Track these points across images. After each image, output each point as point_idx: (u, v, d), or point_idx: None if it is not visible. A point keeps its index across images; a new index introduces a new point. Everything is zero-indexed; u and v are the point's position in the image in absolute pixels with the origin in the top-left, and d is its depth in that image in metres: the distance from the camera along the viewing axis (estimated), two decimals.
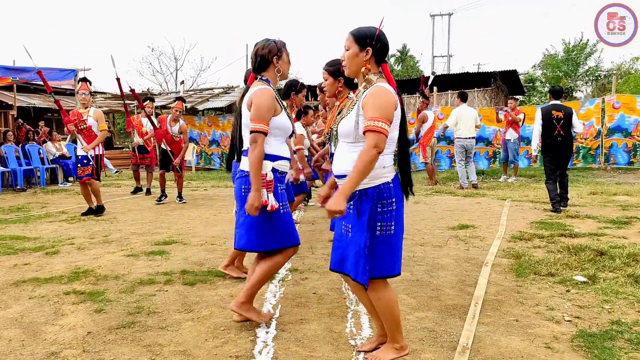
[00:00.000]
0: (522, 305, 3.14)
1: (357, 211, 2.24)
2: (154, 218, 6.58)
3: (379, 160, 2.17)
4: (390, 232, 2.24)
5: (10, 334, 2.77)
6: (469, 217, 6.30)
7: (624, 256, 4.10)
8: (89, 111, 6.68)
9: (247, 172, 2.74)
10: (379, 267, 2.23)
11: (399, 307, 2.39)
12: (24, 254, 4.60)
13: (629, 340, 2.60)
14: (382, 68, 2.34)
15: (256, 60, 2.81)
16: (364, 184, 2.20)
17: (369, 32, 2.29)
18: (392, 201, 2.24)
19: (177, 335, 2.71)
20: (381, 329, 2.49)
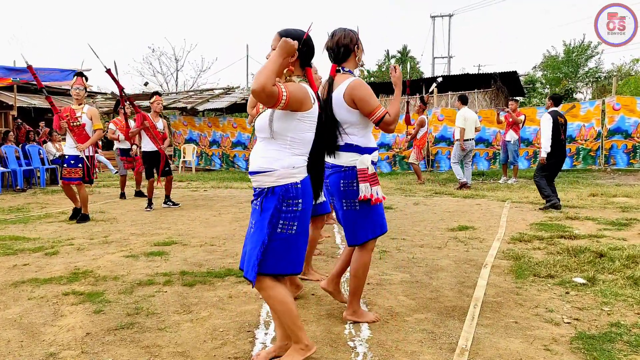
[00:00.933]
0: (521, 307, 3.14)
1: (261, 208, 2.25)
2: (154, 219, 6.58)
3: (290, 159, 2.22)
4: (291, 232, 2.23)
5: (9, 334, 2.77)
6: (469, 218, 6.30)
7: (624, 258, 4.10)
8: (82, 108, 6.28)
9: (345, 167, 2.74)
10: (273, 264, 2.22)
11: (294, 305, 2.30)
12: (24, 254, 4.60)
13: (628, 343, 2.60)
14: (306, 71, 2.36)
15: (339, 50, 2.80)
16: (271, 182, 2.22)
17: (298, 35, 2.29)
18: (298, 202, 2.24)
19: (176, 337, 2.71)
20: (281, 336, 2.44)
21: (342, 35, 2.80)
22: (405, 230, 5.58)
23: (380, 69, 41.66)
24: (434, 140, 13.56)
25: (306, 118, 2.24)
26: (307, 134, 2.27)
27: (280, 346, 2.43)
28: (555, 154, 6.84)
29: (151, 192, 7.55)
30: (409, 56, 44.03)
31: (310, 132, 2.29)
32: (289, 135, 2.23)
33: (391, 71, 2.95)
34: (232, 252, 4.61)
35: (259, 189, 2.30)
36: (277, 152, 2.24)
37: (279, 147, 2.25)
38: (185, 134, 16.74)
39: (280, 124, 2.22)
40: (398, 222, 6.06)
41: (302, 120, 2.24)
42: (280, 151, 2.24)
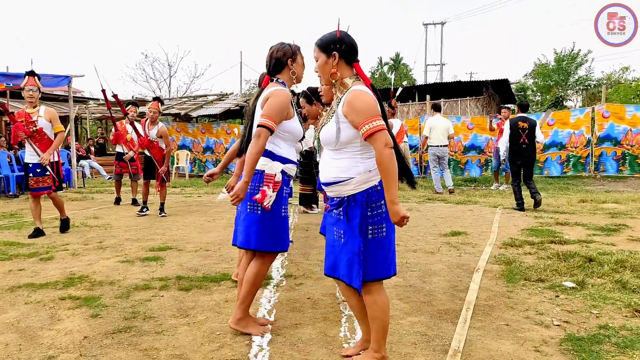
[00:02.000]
0: (512, 310, 3.20)
1: (346, 217, 2.27)
2: (148, 224, 6.59)
3: (364, 164, 2.24)
4: (382, 235, 2.26)
5: (7, 338, 2.79)
6: (461, 224, 6.38)
7: (612, 262, 4.18)
8: (38, 110, 5.68)
9: (258, 170, 2.74)
10: (373, 270, 2.26)
11: (388, 317, 2.37)
12: (18, 259, 4.61)
13: (615, 344, 2.66)
14: (355, 68, 2.36)
15: (271, 62, 2.83)
16: (350, 190, 2.24)
17: (332, 37, 2.32)
18: (381, 204, 2.25)
19: (174, 340, 2.74)
20: (367, 334, 2.50)
21: (277, 48, 2.82)
22: (399, 236, 5.62)
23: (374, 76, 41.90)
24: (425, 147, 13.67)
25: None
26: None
27: (366, 339, 2.49)
28: (518, 155, 7.67)
29: (146, 193, 7.50)
30: (401, 63, 44.37)
31: None
32: (359, 141, 2.25)
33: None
34: (227, 257, 4.65)
35: (337, 199, 2.32)
36: (350, 160, 2.27)
37: (351, 154, 2.27)
38: (179, 140, 16.74)
39: (348, 132, 2.24)
40: None
41: None
42: (353, 159, 2.27)
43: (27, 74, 5.61)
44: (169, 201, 8.62)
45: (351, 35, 2.36)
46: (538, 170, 12.82)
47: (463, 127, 13.49)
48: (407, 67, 44.38)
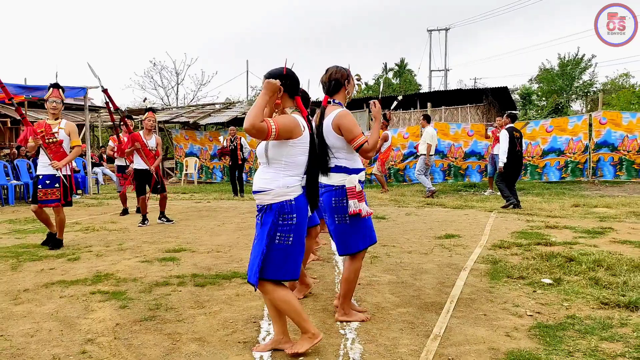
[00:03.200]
0: (491, 303, 3.60)
1: (261, 222, 2.66)
2: (162, 229, 7.04)
3: (284, 180, 2.63)
4: (288, 243, 2.62)
5: (49, 325, 3.23)
6: (456, 227, 6.77)
7: (590, 262, 4.55)
8: (59, 123, 5.71)
9: (336, 186, 3.14)
10: (273, 271, 2.61)
11: (297, 301, 2.73)
12: (48, 260, 5.06)
13: (578, 331, 3.05)
14: (296, 100, 2.77)
15: (330, 83, 3.24)
16: (269, 199, 2.63)
17: (279, 72, 2.71)
18: (292, 216, 2.62)
19: (193, 326, 3.17)
20: (277, 332, 2.81)
21: (335, 70, 3.26)
22: (396, 238, 6.05)
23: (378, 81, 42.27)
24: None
25: (297, 144, 2.67)
26: (299, 157, 2.69)
27: (277, 340, 2.82)
28: (512, 163, 8.39)
29: (144, 208, 7.48)
30: (406, 69, 44.74)
31: (302, 155, 2.69)
32: (282, 159, 2.66)
33: (371, 106, 3.41)
34: (237, 258, 5.08)
35: (260, 206, 2.73)
36: (274, 174, 2.66)
37: (275, 170, 2.67)
38: (187, 147, 17.25)
39: (274, 150, 2.66)
40: (390, 231, 6.53)
41: (294, 146, 2.66)
42: (276, 173, 2.66)
43: (52, 86, 5.69)
44: (181, 206, 9.09)
45: (295, 72, 2.79)
46: (537, 175, 13.18)
47: (463, 134, 13.87)
48: (411, 72, 44.76)
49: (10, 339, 3.00)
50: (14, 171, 10.72)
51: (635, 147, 12.25)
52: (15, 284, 4.21)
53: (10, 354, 2.80)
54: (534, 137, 13.25)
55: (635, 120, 12.43)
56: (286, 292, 2.72)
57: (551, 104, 29.87)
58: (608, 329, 3.04)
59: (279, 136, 2.59)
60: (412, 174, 14.33)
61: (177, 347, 2.86)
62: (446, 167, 14.00)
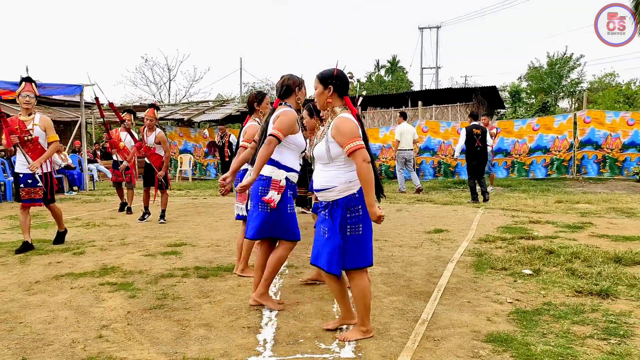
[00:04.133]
0: (475, 292, 3.89)
1: (330, 217, 2.89)
2: (162, 224, 7.26)
3: (345, 176, 2.86)
4: (358, 233, 2.86)
5: (65, 313, 3.46)
6: (445, 222, 7.07)
7: (568, 254, 4.86)
8: (33, 118, 5.38)
9: (265, 176, 3.44)
10: (351, 260, 2.87)
11: (371, 296, 3.03)
12: (54, 254, 5.28)
13: (552, 315, 3.35)
14: (345, 100, 2.98)
15: (282, 88, 3.55)
16: (334, 196, 2.87)
17: (330, 73, 2.95)
18: (358, 208, 2.85)
19: (200, 313, 3.42)
20: (345, 313, 3.07)
21: (288, 77, 3.58)
22: (387, 233, 6.33)
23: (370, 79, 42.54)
24: (418, 150, 14.38)
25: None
26: None
27: (344, 317, 3.08)
28: (474, 157, 9.37)
29: (147, 199, 7.53)
30: (398, 66, 45.03)
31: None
32: (342, 157, 2.87)
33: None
34: (236, 251, 5.31)
35: (324, 202, 2.96)
36: (335, 171, 2.88)
37: (336, 167, 2.89)
38: (181, 144, 17.42)
39: (336, 150, 2.88)
40: (382, 226, 6.79)
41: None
42: (338, 170, 2.88)
43: (24, 79, 5.38)
44: (178, 202, 9.30)
45: (345, 73, 3.05)
46: (524, 172, 13.55)
47: (453, 132, 14.19)
48: (403, 69, 45.08)
49: (29, 326, 3.24)
50: (11, 168, 10.85)
51: (619, 145, 12.65)
52: (26, 276, 4.43)
53: (32, 339, 3.04)
54: (521, 135, 13.61)
55: (619, 119, 12.82)
56: (368, 285, 2.98)
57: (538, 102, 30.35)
58: (580, 314, 3.34)
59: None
60: (427, 170, 14.59)
61: (186, 331, 3.12)
62: (437, 165, 14.31)
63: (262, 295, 3.52)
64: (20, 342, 2.99)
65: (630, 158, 12.58)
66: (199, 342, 2.96)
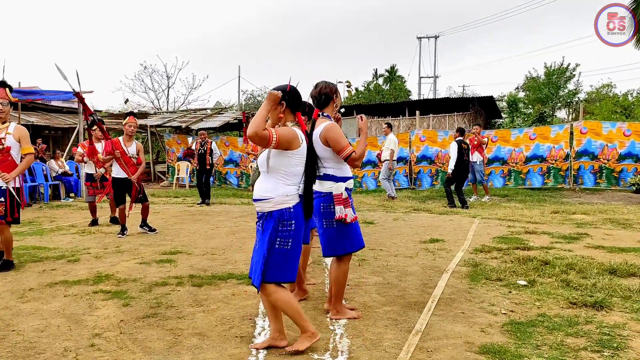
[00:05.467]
0: (469, 302, 3.88)
1: (262, 228, 2.88)
2: (158, 232, 7.24)
3: (283, 189, 2.86)
4: (287, 247, 2.84)
5: (58, 322, 3.45)
6: (441, 232, 7.07)
7: (563, 265, 4.85)
8: (7, 127, 4.90)
9: (324, 192, 3.39)
10: (272, 273, 2.82)
11: (297, 302, 2.96)
12: (49, 261, 5.26)
13: (546, 327, 3.34)
14: (297, 116, 3.02)
15: (320, 98, 3.49)
16: (270, 207, 2.85)
17: (283, 88, 2.94)
18: (291, 222, 2.85)
19: (193, 323, 3.41)
20: (274, 330, 3.00)
21: (324, 85, 3.52)
22: (383, 242, 6.33)
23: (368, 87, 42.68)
24: (416, 159, 14.42)
25: (296, 155, 2.91)
26: (297, 168, 2.93)
27: (273, 337, 3.03)
28: (460, 170, 9.99)
29: (123, 218, 6.92)
30: (396, 75, 45.21)
31: (299, 166, 2.93)
32: (282, 169, 2.89)
33: (358, 120, 3.66)
34: (232, 260, 5.31)
35: (260, 213, 2.95)
36: (274, 183, 2.88)
37: (275, 179, 2.90)
38: (179, 151, 17.41)
39: (275, 160, 2.89)
40: (377, 235, 6.80)
41: (293, 157, 2.90)
42: (276, 182, 2.88)
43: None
44: (174, 210, 9.28)
45: (298, 90, 3.03)
46: (521, 181, 13.57)
47: (450, 141, 14.21)
48: (402, 79, 45.25)
49: (22, 334, 3.22)
50: None
51: (615, 155, 12.68)
52: (20, 283, 4.42)
53: (24, 347, 3.02)
54: (518, 144, 13.66)
55: (615, 129, 12.87)
56: (287, 293, 2.94)
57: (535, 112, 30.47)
58: (574, 325, 3.34)
59: (279, 145, 2.82)
60: (401, 179, 14.67)
61: (179, 340, 3.10)
62: (434, 173, 14.34)
63: (338, 313, 3.49)
64: (12, 350, 2.97)
65: (627, 169, 12.61)
66: (192, 351, 2.95)
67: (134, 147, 7.03)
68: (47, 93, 12.80)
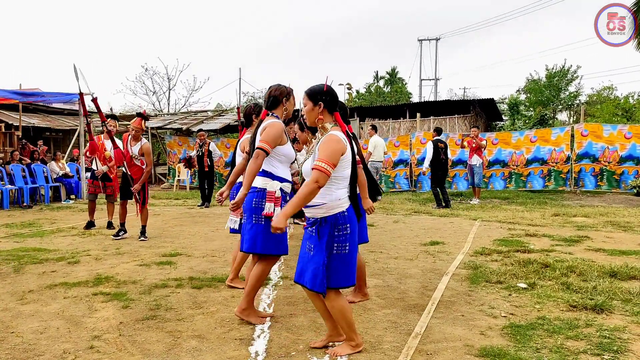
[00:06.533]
0: (469, 305, 3.87)
1: (318, 234, 2.80)
2: (158, 234, 7.25)
3: (335, 193, 2.78)
4: (345, 252, 2.80)
5: (57, 324, 3.44)
6: (441, 235, 7.06)
7: (564, 268, 4.85)
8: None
9: (259, 188, 3.41)
10: (335, 279, 2.79)
11: (351, 312, 2.96)
12: (49, 263, 5.26)
13: (546, 330, 3.33)
14: (335, 116, 2.92)
15: (269, 99, 3.52)
16: (322, 213, 2.79)
17: (319, 89, 2.88)
18: (346, 226, 2.79)
19: (192, 325, 3.41)
20: (331, 330, 3.00)
21: (275, 88, 3.54)
22: (383, 245, 6.32)
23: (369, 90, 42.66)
24: (416, 161, 14.41)
25: (344, 159, 2.79)
26: (345, 171, 2.82)
27: (331, 335, 3.00)
28: (440, 168, 10.44)
29: (124, 215, 6.82)
30: (397, 77, 45.20)
31: (347, 169, 2.82)
32: (332, 174, 2.75)
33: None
34: (231, 262, 5.29)
35: (312, 219, 2.88)
36: (325, 188, 2.73)
37: (326, 184, 2.73)
38: (180, 153, 17.42)
39: None
40: (377, 238, 6.80)
41: (342, 162, 2.78)
42: (327, 187, 2.75)
43: None
44: (174, 212, 9.27)
45: (334, 89, 3.01)
46: (522, 183, 13.56)
47: (451, 143, 14.23)
48: (402, 81, 45.23)
49: (21, 336, 3.22)
50: (8, 176, 10.86)
51: (616, 158, 12.67)
52: (20, 285, 4.42)
53: (23, 349, 3.02)
54: (519, 147, 13.65)
55: (616, 132, 12.86)
56: (345, 303, 2.90)
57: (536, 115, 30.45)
58: (574, 328, 3.33)
59: (335, 166, 2.73)
60: (402, 182, 14.66)
61: (178, 343, 3.10)
62: None
63: (244, 311, 3.45)
64: (11, 352, 2.97)
65: (628, 171, 12.60)
66: (191, 353, 2.94)
67: (138, 147, 6.72)
68: (48, 95, 12.81)
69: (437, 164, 10.47)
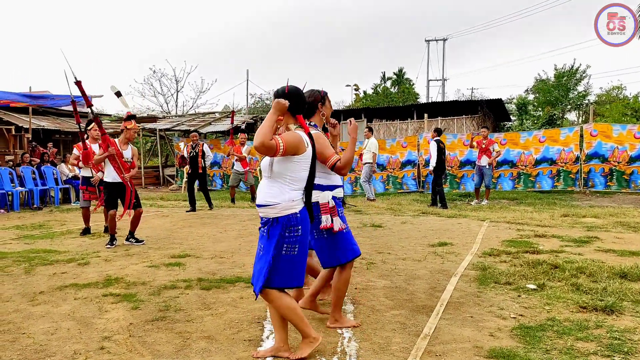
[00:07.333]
0: (478, 306, 3.86)
1: (268, 235, 2.82)
2: (166, 235, 7.29)
3: (289, 194, 2.80)
4: (294, 253, 2.80)
5: (68, 325, 3.48)
6: (449, 235, 7.04)
7: (573, 269, 4.82)
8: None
9: (314, 202, 3.25)
10: (279, 280, 2.79)
11: (299, 308, 2.90)
12: (59, 264, 5.31)
13: (556, 331, 3.32)
14: (298, 119, 2.94)
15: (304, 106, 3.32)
16: (275, 213, 2.79)
17: (281, 91, 2.91)
18: (298, 228, 2.80)
19: (201, 326, 3.43)
20: (278, 340, 2.94)
21: (308, 95, 3.39)
22: (391, 246, 6.32)
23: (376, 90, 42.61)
24: (424, 162, 14.37)
25: (302, 160, 2.86)
26: (302, 172, 2.86)
27: (277, 347, 2.97)
28: (440, 167, 10.67)
29: (113, 226, 6.51)
30: (404, 78, 45.10)
31: (305, 171, 2.87)
32: (287, 174, 2.81)
33: (347, 125, 3.52)
34: (240, 263, 5.33)
35: (265, 219, 2.89)
36: (279, 188, 2.80)
37: (280, 184, 2.81)
38: None
39: (279, 165, 2.84)
40: (386, 239, 6.79)
41: (299, 162, 2.85)
42: (282, 187, 2.80)
43: None
44: (183, 213, 9.27)
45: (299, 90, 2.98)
46: (530, 184, 13.48)
47: (459, 144, 14.20)
48: (410, 82, 45.12)
49: (32, 337, 3.25)
50: (18, 178, 10.97)
51: (626, 158, 12.57)
52: (31, 286, 4.46)
53: (34, 350, 3.05)
54: (527, 147, 13.57)
55: (626, 132, 12.75)
56: (290, 300, 2.90)
57: (545, 115, 30.27)
58: (584, 330, 3.31)
59: (286, 152, 2.77)
60: (409, 182, 14.63)
61: (187, 344, 3.12)
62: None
63: (337, 321, 3.42)
64: (22, 352, 3.00)
65: (638, 171, 12.48)
66: (200, 354, 2.96)
67: (129, 151, 6.66)
68: (57, 98, 12.95)
69: (439, 163, 10.63)
